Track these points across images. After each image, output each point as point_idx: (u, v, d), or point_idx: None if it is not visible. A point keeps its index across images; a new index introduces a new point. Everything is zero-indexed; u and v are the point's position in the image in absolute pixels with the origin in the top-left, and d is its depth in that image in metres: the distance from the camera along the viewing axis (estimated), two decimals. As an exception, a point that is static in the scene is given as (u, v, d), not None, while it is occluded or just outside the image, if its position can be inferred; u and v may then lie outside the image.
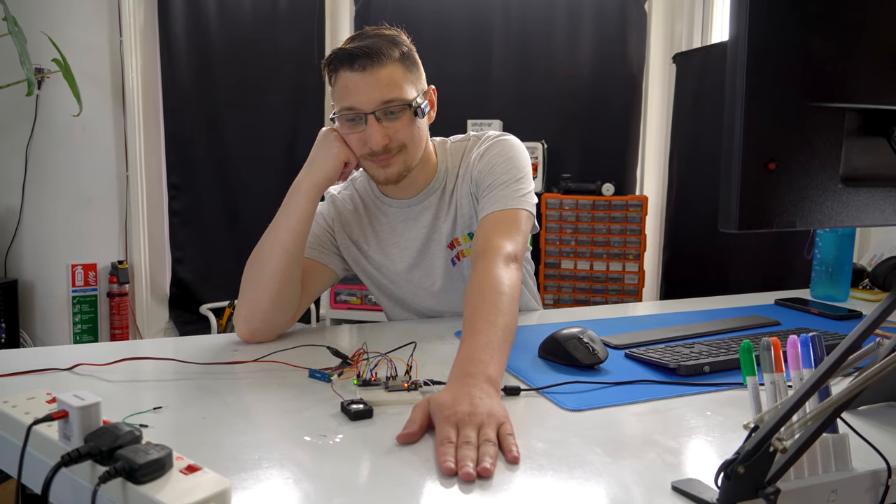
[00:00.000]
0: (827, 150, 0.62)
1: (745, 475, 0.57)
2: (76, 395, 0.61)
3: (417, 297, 1.30)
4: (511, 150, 1.20)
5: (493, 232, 1.10)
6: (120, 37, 2.89)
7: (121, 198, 2.97)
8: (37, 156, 2.81)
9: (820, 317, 1.34)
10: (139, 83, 2.97)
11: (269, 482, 0.63)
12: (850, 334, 0.61)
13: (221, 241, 3.18)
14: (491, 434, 0.69)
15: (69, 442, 0.61)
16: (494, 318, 0.91)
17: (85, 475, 0.60)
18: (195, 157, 3.12)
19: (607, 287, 2.92)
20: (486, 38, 3.22)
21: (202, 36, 3.07)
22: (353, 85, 1.08)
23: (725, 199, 0.60)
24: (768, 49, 0.58)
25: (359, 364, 0.92)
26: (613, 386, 0.89)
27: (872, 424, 0.77)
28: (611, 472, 0.65)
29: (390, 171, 1.14)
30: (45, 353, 1.03)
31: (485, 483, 0.63)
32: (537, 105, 3.21)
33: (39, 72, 2.59)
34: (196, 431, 0.74)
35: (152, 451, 0.57)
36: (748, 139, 0.58)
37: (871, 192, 0.64)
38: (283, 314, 1.12)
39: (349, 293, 3.06)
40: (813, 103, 0.61)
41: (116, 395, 0.85)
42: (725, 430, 0.76)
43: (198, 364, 0.97)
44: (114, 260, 2.96)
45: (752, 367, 0.65)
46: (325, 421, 0.77)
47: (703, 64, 2.99)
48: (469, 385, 0.77)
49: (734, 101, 0.58)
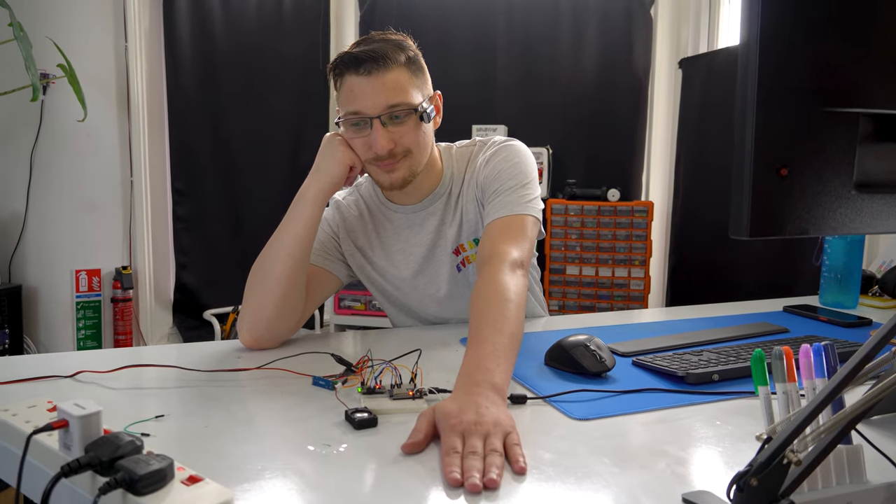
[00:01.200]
0: (840, 156, 0.61)
1: (759, 488, 0.55)
2: (77, 404, 0.60)
3: (422, 304, 1.29)
4: (517, 156, 1.19)
5: (499, 238, 1.09)
6: (125, 42, 2.90)
7: (125, 203, 2.97)
8: (41, 161, 2.81)
9: (829, 324, 1.33)
10: (144, 88, 2.98)
11: (272, 493, 0.62)
12: (866, 344, 0.59)
13: (225, 246, 3.18)
14: (497, 444, 0.68)
15: (69, 452, 0.60)
16: (501, 325, 0.90)
17: (85, 486, 0.59)
18: (199, 162, 3.12)
19: (612, 293, 2.90)
20: (490, 44, 3.22)
21: (207, 42, 3.08)
22: (358, 89, 1.07)
23: (737, 205, 0.59)
24: (780, 54, 0.57)
25: (363, 371, 0.91)
26: (621, 394, 0.88)
27: (886, 435, 0.75)
28: (620, 484, 0.64)
29: (395, 176, 1.13)
30: (47, 359, 1.02)
31: (491, 494, 0.62)
32: (542, 111, 3.20)
33: (45, 77, 2.60)
34: (199, 440, 0.73)
35: (153, 461, 0.56)
36: (760, 145, 0.57)
37: (885, 199, 0.63)
38: (288, 321, 1.12)
39: (353, 299, 3.05)
40: (826, 108, 0.60)
41: (118, 403, 0.84)
42: (736, 441, 0.75)
43: (201, 371, 0.96)
44: (118, 265, 2.96)
45: (763, 377, 0.64)
46: (329, 430, 0.76)
47: (710, 69, 2.98)
48: (475, 394, 0.76)
49: (746, 107, 0.58)
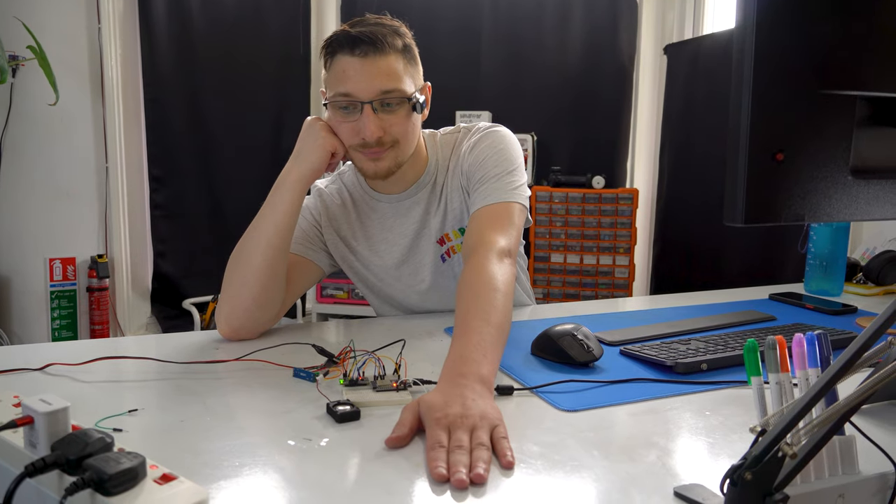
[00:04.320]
0: (836, 141, 0.60)
1: (753, 481, 0.54)
2: (42, 400, 0.57)
3: (405, 295, 1.26)
4: (502, 142, 1.17)
5: (485, 226, 1.07)
6: (98, 24, 2.82)
7: (100, 190, 2.90)
8: (12, 146, 2.73)
9: (815, 311, 1.33)
10: (119, 72, 2.90)
11: (250, 491, 0.59)
12: (861, 334, 0.58)
13: (204, 234, 3.13)
14: (484, 437, 0.67)
15: (35, 450, 0.57)
16: (488, 315, 0.88)
17: (52, 486, 0.56)
18: (177, 148, 3.05)
19: (597, 281, 2.90)
20: (474, 28, 3.19)
21: (184, 23, 3.00)
22: (352, 70, 1.04)
23: (731, 191, 0.57)
24: (776, 36, 0.55)
25: (345, 363, 0.89)
26: (609, 385, 0.87)
27: (878, 425, 0.74)
28: (610, 477, 0.63)
29: (381, 165, 1.10)
30: (17, 351, 0.99)
31: (478, 489, 0.60)
32: (527, 96, 3.18)
33: (13, 59, 2.51)
34: (173, 436, 0.71)
35: (124, 459, 0.53)
36: (756, 129, 0.56)
37: (881, 185, 0.62)
38: (267, 312, 1.09)
39: (336, 287, 3.02)
40: (822, 91, 0.58)
41: (90, 397, 0.81)
42: (726, 432, 0.73)
43: (177, 363, 0.93)
44: (93, 254, 2.90)
45: (757, 367, 0.62)
46: (310, 423, 0.74)
47: (695, 55, 2.97)
48: (461, 385, 0.74)
49: (741, 90, 0.56)
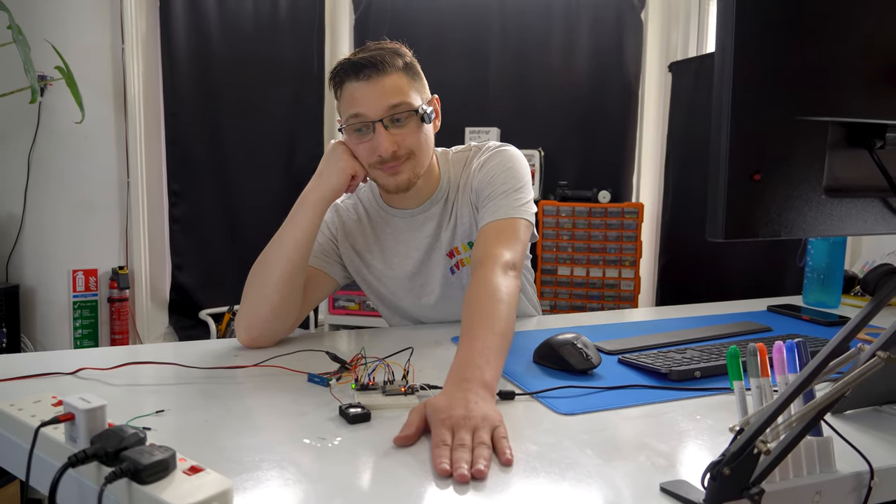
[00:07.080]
0: (810, 162, 0.64)
1: (731, 476, 0.58)
2: (82, 398, 0.62)
3: (416, 306, 1.31)
4: (510, 161, 1.22)
5: (492, 240, 1.12)
6: (122, 44, 2.91)
7: (122, 204, 2.99)
8: (39, 162, 2.82)
9: (811, 323, 1.36)
10: (141, 90, 2.99)
11: (269, 483, 0.64)
12: (833, 339, 0.63)
13: (221, 247, 3.20)
14: (485, 437, 0.71)
15: (75, 444, 0.62)
16: (492, 324, 0.93)
17: (91, 476, 0.62)
18: (196, 164, 3.14)
19: (603, 293, 2.94)
20: (483, 48, 3.25)
21: (203, 44, 3.10)
22: (359, 94, 1.10)
23: (712, 208, 0.62)
24: (754, 63, 0.59)
25: (357, 369, 0.93)
26: (606, 390, 0.91)
27: (856, 428, 0.78)
28: (602, 474, 0.67)
29: (400, 178, 1.15)
30: (48, 357, 1.05)
31: (479, 484, 0.64)
32: (535, 113, 3.23)
33: (43, 79, 2.61)
34: (198, 434, 0.76)
35: (157, 452, 0.58)
36: (734, 151, 0.60)
37: (853, 202, 0.66)
38: (284, 322, 1.14)
39: (347, 299, 3.08)
40: (797, 117, 0.63)
41: (120, 399, 0.87)
42: (714, 434, 0.78)
43: (200, 368, 0.98)
44: (114, 266, 2.97)
45: (738, 372, 0.67)
46: (324, 424, 0.78)
47: (699, 73, 3.01)
48: (465, 389, 0.79)
49: (720, 115, 0.60)
